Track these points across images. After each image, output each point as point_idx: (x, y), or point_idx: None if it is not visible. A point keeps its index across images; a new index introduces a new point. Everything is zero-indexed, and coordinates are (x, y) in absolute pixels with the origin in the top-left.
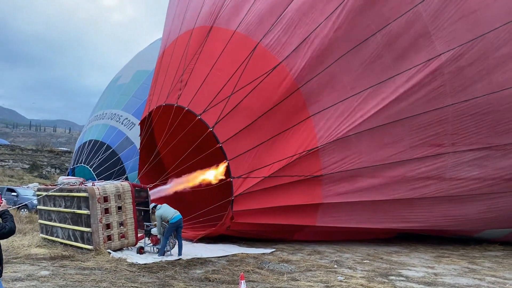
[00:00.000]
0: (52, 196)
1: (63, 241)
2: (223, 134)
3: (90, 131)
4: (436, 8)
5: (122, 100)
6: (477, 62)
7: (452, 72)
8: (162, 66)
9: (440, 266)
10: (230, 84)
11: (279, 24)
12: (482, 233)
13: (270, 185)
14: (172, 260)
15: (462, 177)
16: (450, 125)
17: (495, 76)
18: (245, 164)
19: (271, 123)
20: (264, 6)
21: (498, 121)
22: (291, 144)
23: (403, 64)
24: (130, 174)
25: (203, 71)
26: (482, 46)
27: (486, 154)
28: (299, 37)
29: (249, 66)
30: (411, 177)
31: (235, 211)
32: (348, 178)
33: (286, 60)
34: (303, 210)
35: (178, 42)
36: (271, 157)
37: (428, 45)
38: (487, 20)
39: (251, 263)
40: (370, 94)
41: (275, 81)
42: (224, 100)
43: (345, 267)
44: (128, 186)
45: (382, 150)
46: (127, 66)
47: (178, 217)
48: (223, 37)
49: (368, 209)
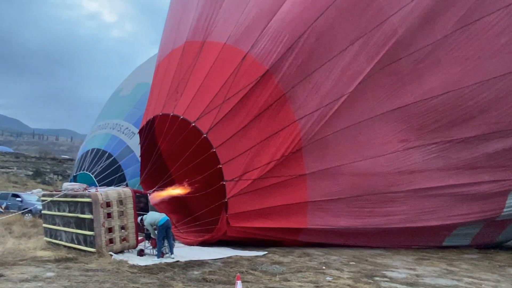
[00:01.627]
0: (57, 201)
1: (67, 244)
2: (216, 139)
3: (93, 140)
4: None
5: (124, 110)
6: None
7: (411, 73)
8: (157, 79)
9: (421, 268)
10: (221, 92)
11: (265, 34)
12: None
13: (260, 186)
14: (171, 262)
15: (430, 168)
16: (415, 121)
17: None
18: (237, 168)
19: (260, 128)
20: (251, 18)
21: (455, 115)
22: (280, 147)
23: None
24: (130, 181)
25: (197, 81)
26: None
27: (449, 146)
28: (284, 46)
29: (239, 75)
30: (387, 172)
31: (230, 214)
32: (330, 177)
33: (273, 68)
34: (292, 211)
35: (172, 56)
36: (261, 160)
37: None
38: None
39: (245, 264)
40: (348, 97)
41: (263, 88)
42: (216, 108)
43: (333, 268)
44: (130, 192)
45: (359, 148)
46: (128, 79)
47: (165, 219)
48: (214, 49)
49: (351, 205)
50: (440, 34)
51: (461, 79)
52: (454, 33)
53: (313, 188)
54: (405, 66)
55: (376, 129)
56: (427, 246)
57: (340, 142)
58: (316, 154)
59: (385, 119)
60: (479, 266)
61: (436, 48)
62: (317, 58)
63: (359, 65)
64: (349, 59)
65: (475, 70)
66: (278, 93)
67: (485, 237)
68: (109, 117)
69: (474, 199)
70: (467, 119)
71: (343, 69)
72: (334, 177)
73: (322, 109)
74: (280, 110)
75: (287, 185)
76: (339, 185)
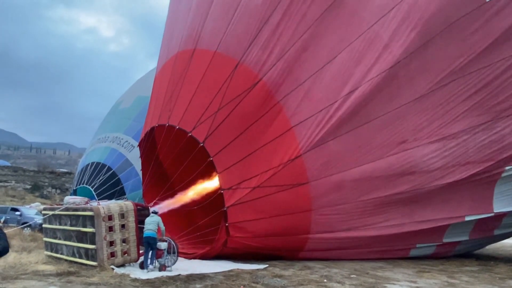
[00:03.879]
0: (58, 215)
1: (68, 258)
2: (213, 148)
3: (93, 154)
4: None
5: (124, 123)
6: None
7: (405, 75)
8: (154, 91)
9: (422, 281)
10: (216, 101)
11: (256, 43)
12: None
13: (260, 195)
14: (173, 275)
15: (432, 169)
16: (410, 122)
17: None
18: (234, 176)
19: (256, 135)
20: (242, 26)
21: (446, 112)
22: (277, 154)
23: (368, 72)
24: (130, 195)
25: (190, 90)
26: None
27: (444, 143)
28: (276, 55)
29: (232, 83)
30: (389, 174)
31: (229, 223)
32: (332, 182)
33: (266, 76)
34: (295, 219)
35: (165, 67)
36: (259, 168)
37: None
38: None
39: (246, 278)
40: (343, 102)
41: (256, 96)
42: (211, 116)
43: (334, 281)
44: (131, 206)
45: (358, 152)
46: (128, 92)
47: (146, 234)
48: (205, 57)
49: (355, 212)
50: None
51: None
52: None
53: (317, 196)
54: (399, 69)
55: (375, 132)
56: (428, 242)
57: (340, 147)
58: (318, 161)
59: (383, 122)
60: (479, 278)
61: (424, 49)
62: (308, 67)
63: (349, 72)
64: (339, 67)
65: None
66: (272, 101)
67: (483, 228)
68: (108, 131)
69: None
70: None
71: (334, 77)
72: (337, 183)
73: (317, 115)
74: (275, 118)
75: (290, 194)
76: (343, 191)
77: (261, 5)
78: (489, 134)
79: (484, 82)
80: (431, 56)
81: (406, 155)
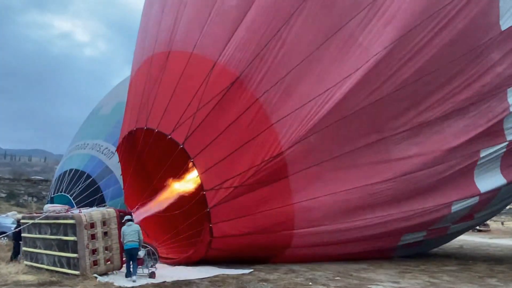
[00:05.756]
0: (38, 223)
1: (49, 267)
2: (193, 149)
3: (71, 160)
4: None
5: (104, 130)
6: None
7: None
8: (130, 95)
9: (404, 281)
10: (194, 102)
11: (232, 42)
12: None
13: (243, 193)
14: (158, 283)
15: (406, 155)
16: (386, 111)
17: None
18: (216, 176)
19: (237, 134)
20: (217, 27)
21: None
22: (258, 152)
23: (346, 69)
24: (110, 202)
25: (167, 92)
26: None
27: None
28: (253, 53)
29: (210, 84)
30: (370, 162)
31: (213, 224)
32: (313, 176)
33: (243, 74)
34: (279, 215)
35: (140, 70)
36: (241, 167)
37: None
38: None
39: (232, 283)
40: (323, 97)
41: (235, 95)
42: (190, 117)
43: (319, 284)
44: (114, 212)
45: (339, 145)
46: (107, 97)
47: (129, 246)
48: (181, 59)
49: (337, 205)
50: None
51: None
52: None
53: (297, 190)
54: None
55: (355, 124)
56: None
57: (321, 141)
58: (298, 156)
59: (362, 115)
60: (460, 278)
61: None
62: (285, 63)
63: (329, 67)
64: (318, 61)
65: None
66: (251, 99)
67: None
68: (88, 137)
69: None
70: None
71: (314, 72)
72: (317, 176)
73: (297, 111)
74: (255, 116)
75: (271, 190)
76: (325, 184)
77: (236, 6)
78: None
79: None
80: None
81: (383, 145)
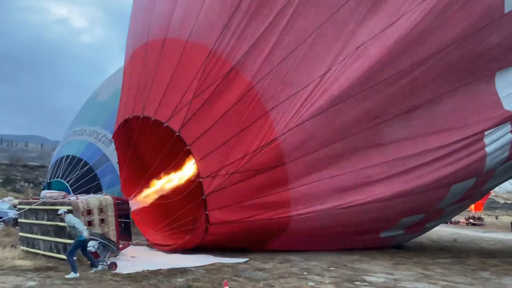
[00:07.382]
0: (35, 209)
1: (45, 253)
2: (190, 137)
3: (68, 146)
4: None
5: (101, 117)
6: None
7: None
8: (124, 82)
9: (398, 272)
10: (190, 90)
11: (228, 30)
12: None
13: (239, 180)
14: (154, 270)
15: (396, 139)
16: (382, 99)
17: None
18: (212, 163)
19: (233, 122)
20: (212, 14)
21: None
22: (254, 139)
23: (340, 53)
24: (107, 190)
25: (164, 80)
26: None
27: (410, 115)
28: (249, 41)
29: (206, 72)
30: (364, 146)
31: (209, 211)
32: (309, 161)
33: (239, 62)
34: (275, 200)
35: (135, 56)
36: (237, 154)
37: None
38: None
39: (228, 271)
40: (318, 85)
41: (231, 82)
42: (187, 105)
43: (314, 274)
44: (111, 200)
45: (335, 131)
46: (106, 84)
47: (82, 238)
48: (177, 47)
49: (332, 188)
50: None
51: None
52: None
53: (294, 176)
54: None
55: (349, 110)
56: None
57: (317, 128)
58: (294, 143)
59: (356, 101)
60: (453, 270)
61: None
62: (281, 51)
63: (323, 53)
64: (312, 47)
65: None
66: (247, 87)
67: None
68: (85, 123)
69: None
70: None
71: (308, 58)
72: (315, 163)
73: (292, 97)
74: (250, 103)
75: (268, 177)
76: (321, 170)
77: None
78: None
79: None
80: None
81: (378, 130)
